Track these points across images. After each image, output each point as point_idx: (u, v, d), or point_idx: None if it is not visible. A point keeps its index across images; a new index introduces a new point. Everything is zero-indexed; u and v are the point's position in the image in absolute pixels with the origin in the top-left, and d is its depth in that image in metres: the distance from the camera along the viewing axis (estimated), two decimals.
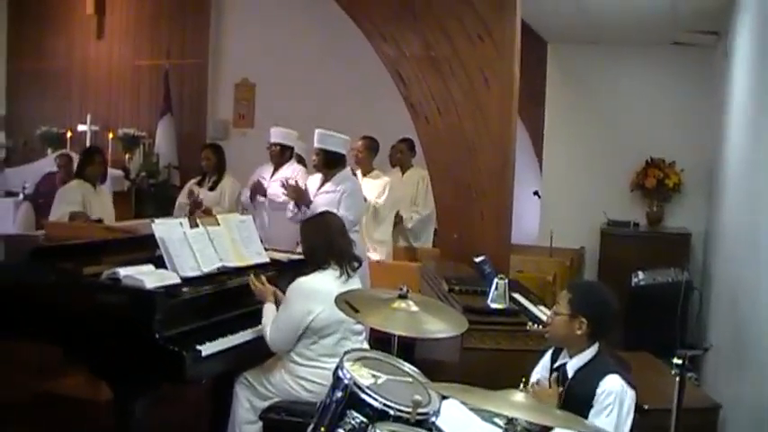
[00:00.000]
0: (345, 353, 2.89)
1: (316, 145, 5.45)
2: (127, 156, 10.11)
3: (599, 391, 2.81)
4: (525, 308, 3.95)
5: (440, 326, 3.01)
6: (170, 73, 9.96)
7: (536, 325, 3.68)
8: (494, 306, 3.67)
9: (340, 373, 2.69)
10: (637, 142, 7.80)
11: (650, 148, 7.78)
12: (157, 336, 3.32)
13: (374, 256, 6.02)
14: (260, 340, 3.75)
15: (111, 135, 10.25)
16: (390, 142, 7.14)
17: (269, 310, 3.73)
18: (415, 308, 3.04)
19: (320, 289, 3.59)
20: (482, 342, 3.43)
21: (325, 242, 3.73)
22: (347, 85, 9.01)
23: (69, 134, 10.45)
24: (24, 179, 8.81)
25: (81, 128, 10.40)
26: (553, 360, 3.08)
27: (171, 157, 9.68)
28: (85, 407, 4.36)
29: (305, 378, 3.62)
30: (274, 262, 4.41)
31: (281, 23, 9.40)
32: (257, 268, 4.18)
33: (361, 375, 2.67)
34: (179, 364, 3.32)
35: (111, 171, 9.40)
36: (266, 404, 3.70)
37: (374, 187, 6.21)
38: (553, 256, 7.20)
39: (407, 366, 2.89)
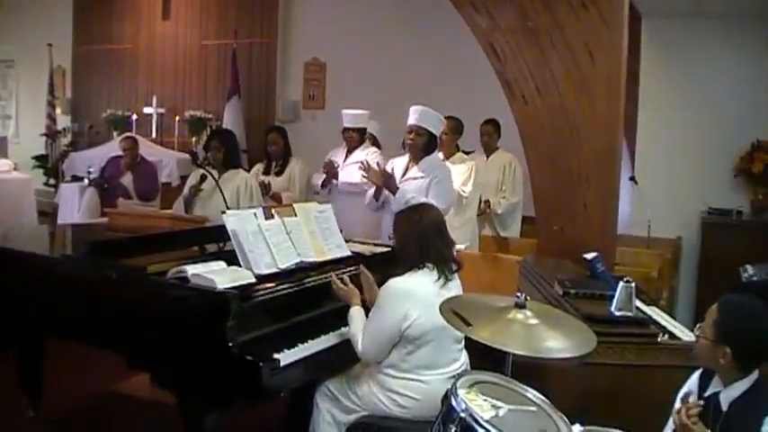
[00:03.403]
0: (458, 376, 2.42)
1: (416, 123, 5.00)
2: (194, 139, 9.87)
3: (765, 429, 2.28)
4: (650, 317, 3.40)
5: (564, 343, 2.51)
6: (238, 53, 9.68)
7: (666, 336, 3.16)
8: (619, 314, 3.14)
9: (453, 403, 2.22)
10: (741, 124, 7.19)
11: (756, 131, 7.18)
12: (231, 344, 2.90)
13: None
14: (343, 346, 3.33)
15: (177, 118, 10.06)
16: (475, 124, 6.63)
17: (356, 315, 3.27)
18: (534, 320, 2.56)
19: (417, 291, 3.10)
20: (606, 356, 2.87)
21: (419, 241, 3.20)
22: (427, 62, 8.52)
23: (135, 117, 10.29)
24: (90, 164, 8.59)
25: (147, 110, 10.31)
26: (703, 383, 2.54)
27: (239, 139, 9.29)
28: (154, 409, 4.08)
29: (397, 392, 3.14)
30: (356, 256, 3.96)
31: None
32: (338, 263, 3.76)
33: (479, 406, 2.20)
34: (254, 376, 2.88)
35: (179, 155, 9.26)
36: (351, 418, 3.26)
37: (458, 172, 5.69)
38: (651, 247, 6.63)
39: (531, 393, 2.41)
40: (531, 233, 6.32)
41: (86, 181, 8.16)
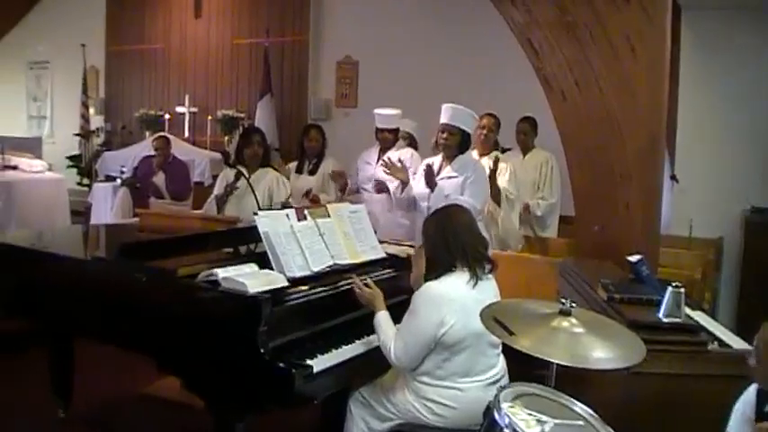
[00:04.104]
0: (501, 389, 2.29)
1: (449, 122, 4.90)
2: (226, 138, 9.82)
3: None
4: (698, 323, 3.23)
5: (612, 353, 2.37)
6: (270, 52, 9.59)
7: (716, 343, 3.01)
8: (668, 321, 2.99)
9: (496, 416, 2.11)
10: None
11: None
12: (262, 350, 2.80)
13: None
14: (378, 352, 3.18)
15: (209, 117, 10.01)
16: (509, 121, 6.48)
17: (384, 321, 3.14)
18: (580, 328, 2.43)
19: (453, 296, 2.98)
20: (653, 365, 2.71)
21: (446, 240, 3.08)
22: (461, 59, 8.37)
23: (168, 116, 10.29)
24: (122, 163, 8.58)
25: (179, 110, 10.29)
26: (761, 399, 2.38)
27: (271, 138, 9.21)
28: (184, 411, 4.01)
29: (433, 400, 3.02)
30: (391, 258, 3.84)
31: None
32: (372, 265, 3.66)
33: (524, 420, 2.08)
34: (287, 383, 2.77)
35: (211, 154, 9.23)
36: (386, 426, 3.14)
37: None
38: (692, 247, 6.44)
39: (579, 406, 2.28)
40: (569, 233, 6.18)
41: (119, 180, 8.15)
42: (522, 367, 2.91)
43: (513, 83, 7.05)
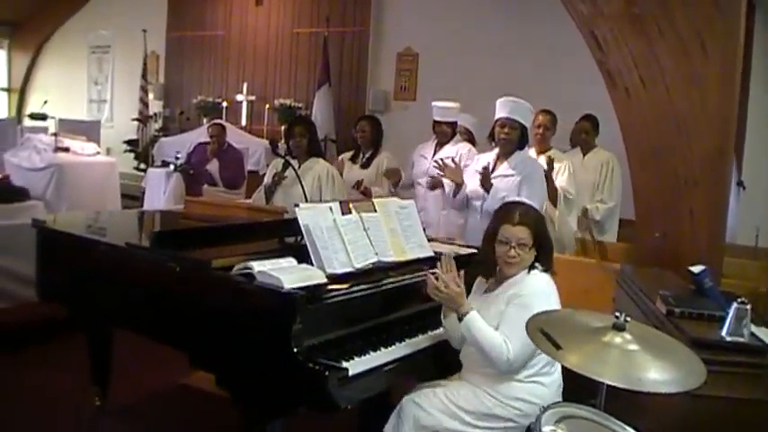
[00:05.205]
0: (543, 409, 2.11)
1: (509, 116, 4.70)
2: (283, 127, 9.73)
3: None
4: (764, 341, 2.98)
5: (668, 374, 2.17)
6: (329, 41, 9.50)
7: None
8: (731, 339, 2.76)
9: None
10: None
11: None
12: (296, 350, 2.66)
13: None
14: (420, 356, 3.09)
15: (267, 106, 9.97)
16: (569, 118, 6.25)
17: (478, 322, 2.90)
18: (634, 345, 2.23)
19: (552, 287, 2.98)
20: (713, 388, 2.49)
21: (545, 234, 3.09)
22: (522, 52, 8.18)
23: (225, 104, 10.27)
24: (178, 149, 8.58)
25: (238, 98, 10.30)
26: None
27: (328, 129, 9.16)
28: (220, 403, 3.86)
29: (522, 399, 2.88)
30: (440, 257, 3.67)
31: None
32: (419, 263, 3.48)
33: None
34: (320, 386, 2.62)
35: (267, 143, 9.17)
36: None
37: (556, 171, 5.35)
38: (758, 258, 6.11)
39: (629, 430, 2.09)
40: (629, 237, 5.93)
41: (172, 166, 8.13)
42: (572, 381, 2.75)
43: (574, 79, 6.80)
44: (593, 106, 6.00)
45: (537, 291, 2.90)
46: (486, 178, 4.70)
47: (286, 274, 2.85)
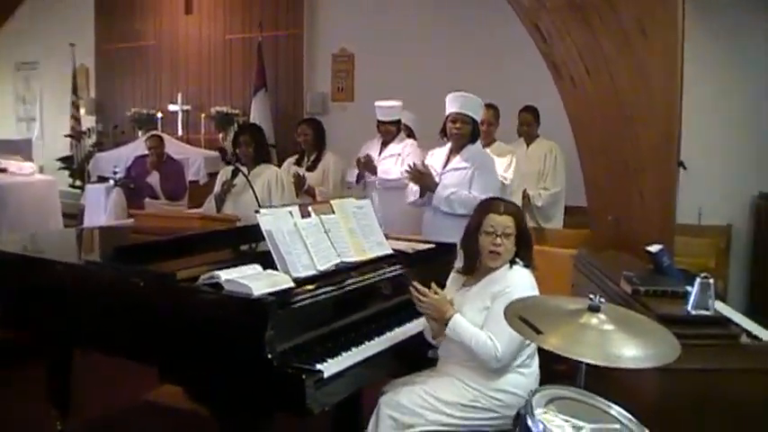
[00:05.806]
0: (532, 393, 2.13)
1: (460, 111, 4.75)
2: (221, 135, 9.67)
3: None
4: (726, 315, 3.07)
5: (645, 350, 2.22)
6: (263, 46, 9.39)
7: (744, 335, 2.87)
8: (696, 313, 2.83)
9: (530, 423, 1.96)
10: None
11: None
12: (270, 356, 2.63)
13: None
14: (391, 351, 3.11)
15: (203, 114, 9.86)
16: (516, 111, 6.35)
17: (464, 325, 2.93)
18: (609, 325, 2.27)
19: (533, 280, 3.04)
20: (686, 360, 2.54)
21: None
22: (463, 48, 8.16)
23: (160, 115, 10.13)
24: (115, 163, 8.42)
25: (172, 108, 10.14)
26: None
27: (267, 134, 9.03)
28: (190, 419, 3.78)
29: (504, 390, 2.91)
30: (398, 254, 3.69)
31: None
32: (379, 262, 3.49)
33: (559, 427, 1.92)
34: (298, 390, 2.59)
35: (206, 152, 9.07)
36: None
37: (499, 162, 5.40)
38: (701, 235, 6.29)
39: (615, 409, 2.12)
40: (575, 224, 6.02)
41: (112, 181, 7.98)
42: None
43: (517, 71, 6.87)
44: (537, 97, 6.08)
45: (521, 286, 2.93)
46: (426, 181, 4.74)
47: (253, 280, 2.83)
